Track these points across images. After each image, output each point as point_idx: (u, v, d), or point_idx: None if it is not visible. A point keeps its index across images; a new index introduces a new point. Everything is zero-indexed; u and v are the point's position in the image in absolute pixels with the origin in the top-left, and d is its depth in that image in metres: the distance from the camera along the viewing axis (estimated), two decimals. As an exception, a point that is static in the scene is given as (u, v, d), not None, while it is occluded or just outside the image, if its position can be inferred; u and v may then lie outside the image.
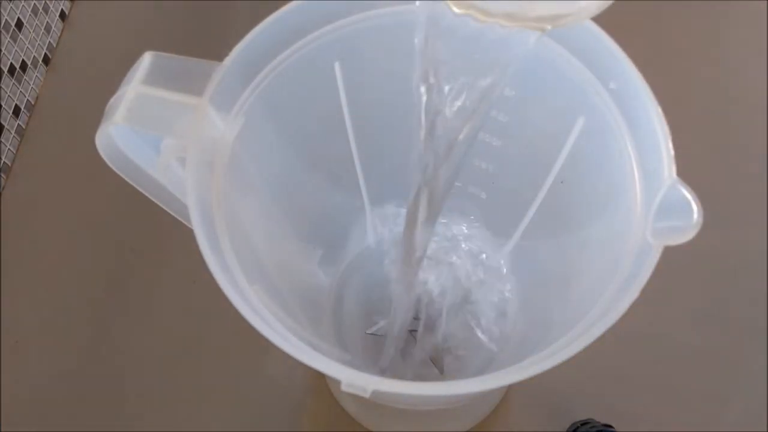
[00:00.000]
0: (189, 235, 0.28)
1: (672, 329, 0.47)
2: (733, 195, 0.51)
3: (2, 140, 0.52)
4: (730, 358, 0.46)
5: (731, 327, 0.47)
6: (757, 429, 0.44)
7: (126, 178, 0.32)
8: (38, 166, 0.54)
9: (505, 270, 0.44)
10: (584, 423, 0.42)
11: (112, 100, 0.29)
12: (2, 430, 0.44)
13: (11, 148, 0.53)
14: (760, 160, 0.52)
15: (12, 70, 0.53)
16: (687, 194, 0.27)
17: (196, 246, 0.27)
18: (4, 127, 0.52)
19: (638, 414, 0.44)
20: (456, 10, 0.22)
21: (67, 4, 0.60)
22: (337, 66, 0.35)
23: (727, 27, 0.59)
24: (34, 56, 0.56)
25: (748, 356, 0.46)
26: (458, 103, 0.27)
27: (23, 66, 0.54)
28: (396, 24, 0.33)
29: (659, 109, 0.29)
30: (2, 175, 0.52)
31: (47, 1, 0.57)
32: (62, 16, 0.59)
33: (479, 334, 0.43)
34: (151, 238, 0.50)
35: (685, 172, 0.28)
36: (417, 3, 0.26)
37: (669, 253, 0.27)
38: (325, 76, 0.35)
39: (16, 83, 0.53)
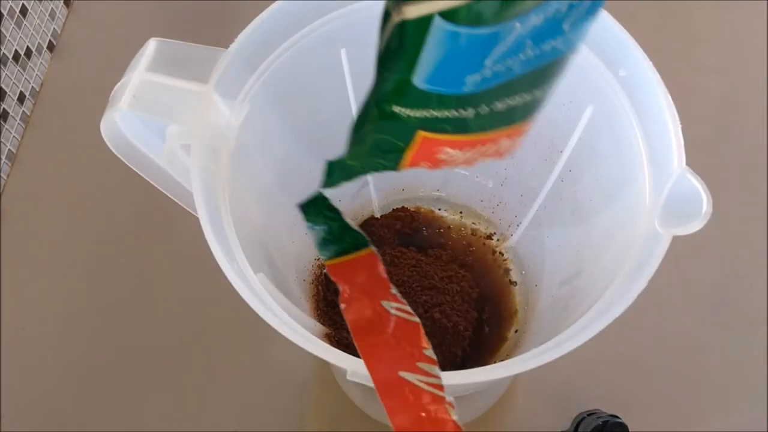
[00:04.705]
0: (194, 222, 0.28)
1: (679, 320, 0.46)
2: (743, 185, 0.50)
3: (7, 127, 0.52)
4: (736, 349, 0.46)
5: (739, 318, 0.47)
6: (761, 419, 0.44)
7: (131, 165, 0.31)
8: (43, 153, 0.54)
9: (512, 259, 0.44)
10: (591, 413, 0.42)
11: (116, 86, 0.29)
12: (7, 419, 0.45)
13: (16, 135, 0.53)
14: (770, 149, 0.52)
15: (17, 56, 0.52)
16: (697, 184, 0.27)
17: (202, 234, 0.27)
18: (9, 114, 0.52)
19: (645, 404, 0.44)
20: None
21: (72, -10, 0.60)
22: (343, 53, 0.35)
23: (739, 15, 0.58)
24: (39, 43, 0.55)
25: (755, 347, 0.46)
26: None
27: (28, 53, 0.54)
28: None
29: (669, 98, 0.29)
30: (7, 162, 0.52)
31: (52, -13, 0.57)
32: (67, 2, 0.59)
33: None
34: (156, 226, 0.50)
35: (694, 162, 0.28)
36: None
37: (677, 243, 0.27)
38: (332, 62, 0.35)
39: (20, 70, 0.53)
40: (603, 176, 0.34)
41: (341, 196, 0.43)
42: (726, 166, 0.51)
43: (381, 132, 0.24)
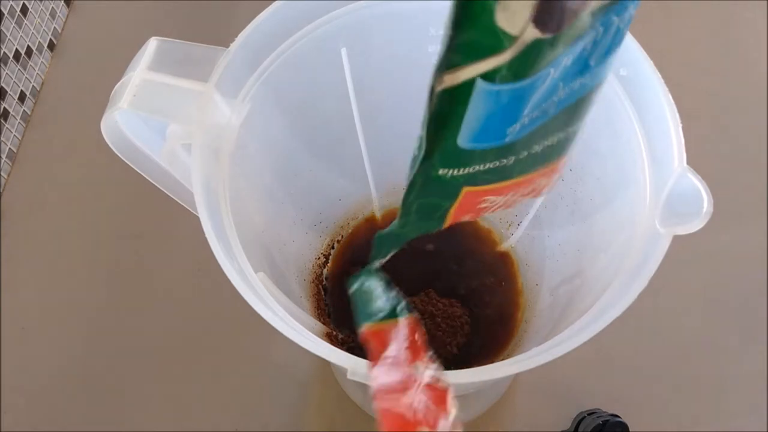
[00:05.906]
0: (194, 222, 0.28)
1: (679, 320, 0.46)
2: (743, 185, 0.50)
3: (8, 126, 0.52)
4: (737, 349, 0.46)
5: (739, 318, 0.46)
6: (761, 418, 0.44)
7: (131, 165, 0.31)
8: (43, 152, 0.54)
9: (512, 258, 0.44)
10: (591, 413, 0.42)
11: (117, 86, 0.29)
12: (7, 418, 0.45)
13: (17, 134, 0.53)
14: (770, 149, 0.52)
15: (17, 56, 0.52)
16: (697, 183, 0.26)
17: (202, 233, 0.27)
18: (9, 113, 0.52)
19: (645, 404, 0.44)
20: None
21: (73, -11, 0.60)
22: (344, 52, 0.35)
23: (739, 14, 0.58)
24: (40, 42, 0.55)
25: (755, 347, 0.46)
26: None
27: (29, 52, 0.54)
28: (403, 10, 0.33)
29: (670, 97, 0.29)
30: (8, 161, 0.52)
31: (52, -13, 0.57)
32: (67, 1, 0.59)
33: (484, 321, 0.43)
34: (156, 225, 0.50)
35: (695, 161, 0.28)
36: None
37: (678, 242, 0.27)
38: (332, 61, 0.35)
39: (21, 69, 0.53)
40: (603, 175, 0.34)
41: (341, 196, 0.43)
42: (726, 166, 0.51)
43: (426, 196, 0.24)
